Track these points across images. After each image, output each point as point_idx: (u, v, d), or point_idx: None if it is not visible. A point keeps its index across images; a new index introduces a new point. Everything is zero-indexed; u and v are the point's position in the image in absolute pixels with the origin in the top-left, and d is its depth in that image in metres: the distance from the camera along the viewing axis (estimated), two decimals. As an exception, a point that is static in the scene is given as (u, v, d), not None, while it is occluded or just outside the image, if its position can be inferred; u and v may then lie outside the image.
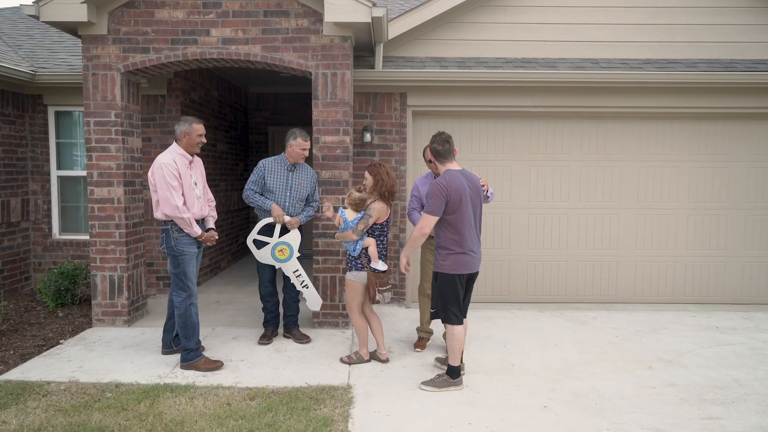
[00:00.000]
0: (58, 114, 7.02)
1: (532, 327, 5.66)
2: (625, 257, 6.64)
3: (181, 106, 6.74)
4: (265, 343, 5.02)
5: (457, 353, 4.07)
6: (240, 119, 9.40)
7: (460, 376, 4.11)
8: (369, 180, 4.48)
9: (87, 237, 6.96)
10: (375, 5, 5.10)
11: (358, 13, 5.08)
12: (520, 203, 6.59)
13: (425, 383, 4.11)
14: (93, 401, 3.82)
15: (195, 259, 4.49)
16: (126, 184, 5.50)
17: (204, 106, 7.56)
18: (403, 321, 5.83)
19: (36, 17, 5.15)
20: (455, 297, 4.04)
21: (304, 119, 9.70)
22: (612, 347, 5.07)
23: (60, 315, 5.89)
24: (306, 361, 4.62)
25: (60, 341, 5.10)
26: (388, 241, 4.58)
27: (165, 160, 4.31)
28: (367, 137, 6.24)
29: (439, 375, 4.16)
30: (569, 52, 6.47)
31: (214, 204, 4.78)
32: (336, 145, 5.39)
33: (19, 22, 8.59)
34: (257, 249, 4.91)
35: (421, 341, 5.00)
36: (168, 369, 4.43)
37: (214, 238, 4.57)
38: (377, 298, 4.42)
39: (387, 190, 4.44)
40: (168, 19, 5.32)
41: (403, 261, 4.30)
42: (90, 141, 5.42)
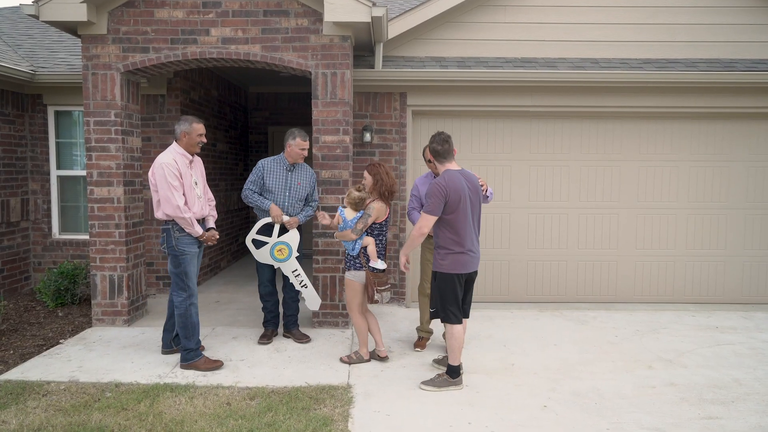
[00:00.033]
0: (57, 114, 7.02)
1: (531, 327, 5.67)
2: (625, 257, 6.65)
3: (181, 105, 6.74)
4: (265, 343, 5.02)
5: (457, 353, 4.08)
6: (240, 119, 9.39)
7: (459, 375, 4.11)
8: (368, 179, 4.49)
9: (87, 237, 6.97)
10: (375, 5, 5.10)
11: (357, 13, 5.08)
12: (519, 203, 6.59)
13: (425, 383, 4.11)
14: (93, 401, 3.82)
15: (196, 259, 4.49)
16: (126, 183, 5.50)
17: (204, 105, 7.56)
18: (403, 321, 5.83)
19: (36, 17, 5.15)
20: (454, 296, 4.04)
21: (303, 119, 9.70)
22: (612, 347, 5.07)
23: (60, 315, 5.89)
24: (306, 361, 4.62)
25: (60, 341, 5.10)
26: (387, 241, 4.58)
27: (166, 159, 4.31)
28: (367, 137, 6.24)
29: (439, 375, 4.16)
30: (569, 51, 6.48)
31: (214, 203, 4.78)
32: (336, 145, 5.39)
33: (19, 21, 8.58)
34: (256, 249, 4.91)
35: (421, 341, 5.00)
36: (168, 369, 4.43)
37: (215, 237, 4.57)
38: (376, 297, 4.42)
39: (387, 189, 4.45)
40: (168, 19, 5.32)
41: (402, 259, 4.31)
42: (90, 141, 5.42)
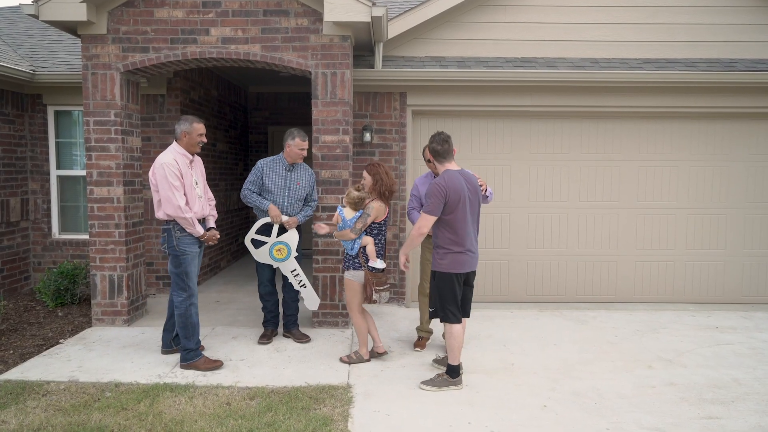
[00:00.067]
0: (57, 113, 7.02)
1: (531, 326, 5.67)
2: (625, 257, 6.65)
3: (181, 105, 6.74)
4: (265, 343, 5.02)
5: (457, 352, 4.08)
6: (239, 119, 9.39)
7: (459, 375, 4.11)
8: (367, 179, 4.49)
9: (86, 236, 6.96)
10: (375, 5, 5.10)
11: (357, 13, 5.08)
12: (519, 203, 6.59)
13: (425, 383, 4.11)
14: (93, 401, 3.82)
15: (197, 259, 4.48)
16: (125, 183, 5.50)
17: (204, 105, 7.56)
18: (403, 320, 5.84)
19: (35, 16, 5.15)
20: (453, 296, 4.05)
21: (303, 119, 9.70)
22: (611, 347, 5.07)
23: (59, 314, 5.88)
24: (306, 361, 4.62)
25: (60, 341, 5.10)
26: (386, 240, 4.58)
27: (166, 159, 4.30)
28: (367, 137, 6.24)
29: (439, 374, 4.16)
30: (569, 51, 6.47)
31: (214, 203, 4.78)
32: (336, 145, 5.39)
33: (19, 21, 8.58)
34: (255, 248, 4.91)
35: (421, 341, 5.00)
36: (168, 368, 4.43)
37: (215, 237, 4.56)
38: (374, 297, 4.43)
39: (386, 189, 4.45)
40: (167, 19, 5.32)
41: (402, 259, 4.31)
42: (89, 140, 5.42)
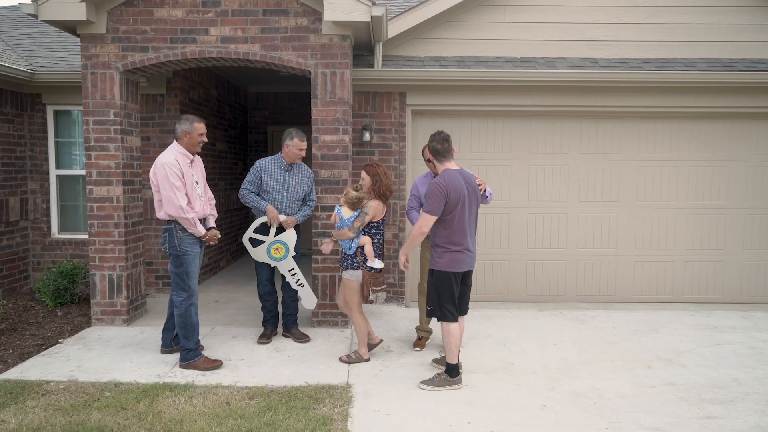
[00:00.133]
0: (57, 113, 7.01)
1: (531, 326, 5.67)
2: (625, 256, 6.65)
3: (180, 105, 6.74)
4: (265, 343, 5.02)
5: (454, 350, 4.08)
6: (239, 118, 9.39)
7: (458, 374, 4.11)
8: (366, 179, 4.49)
9: (86, 236, 6.96)
10: (374, 4, 5.09)
11: (357, 12, 5.08)
12: (519, 202, 6.59)
13: (424, 382, 4.11)
14: (92, 400, 3.82)
15: (198, 259, 4.48)
16: (125, 183, 5.50)
17: (203, 105, 7.56)
18: (402, 320, 5.83)
19: (35, 16, 5.14)
20: (450, 294, 4.05)
21: (303, 118, 9.69)
22: (611, 346, 5.07)
23: (59, 314, 5.88)
24: (305, 361, 4.62)
25: (59, 340, 5.10)
26: (384, 240, 4.58)
27: (167, 159, 4.29)
28: (367, 136, 6.24)
29: (438, 374, 4.16)
30: (569, 51, 6.47)
31: (214, 202, 4.77)
32: (335, 144, 5.39)
33: (18, 20, 8.57)
34: (253, 247, 4.91)
35: (421, 340, 5.00)
36: (167, 368, 4.43)
37: (216, 236, 4.56)
38: (371, 297, 4.44)
39: (386, 189, 4.46)
40: (167, 18, 5.31)
41: (402, 259, 4.31)
42: (89, 140, 5.41)
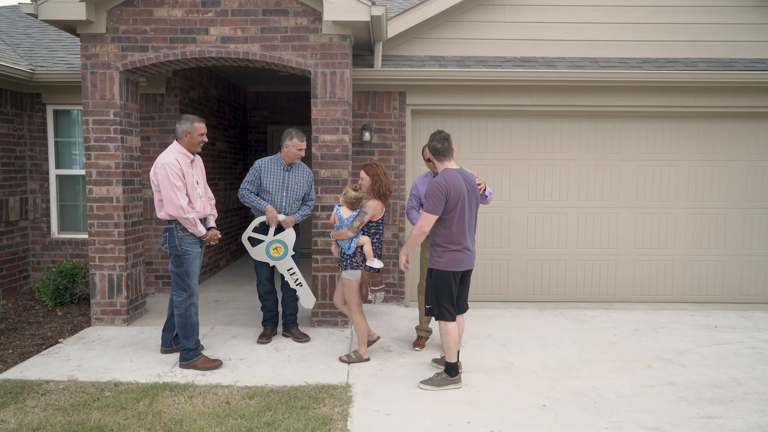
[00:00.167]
0: (56, 113, 7.01)
1: (531, 326, 5.67)
2: (624, 256, 6.65)
3: (180, 104, 6.74)
4: (264, 342, 5.02)
5: (453, 349, 4.08)
6: (239, 118, 9.39)
7: (458, 374, 4.12)
8: (366, 179, 4.49)
9: (86, 236, 6.96)
10: (374, 4, 5.09)
11: (357, 12, 5.08)
12: (519, 202, 6.59)
13: (424, 382, 4.11)
14: (92, 400, 3.82)
15: (198, 259, 4.48)
16: (125, 182, 5.49)
17: (203, 104, 7.55)
18: (402, 320, 5.83)
19: (34, 15, 5.14)
20: (449, 294, 4.06)
21: (303, 118, 9.69)
22: (611, 346, 5.07)
23: (59, 314, 5.88)
24: (305, 360, 4.62)
25: (59, 340, 5.10)
26: (383, 240, 4.58)
27: (168, 159, 4.28)
28: (366, 136, 6.24)
29: (438, 374, 4.16)
30: (568, 51, 6.47)
31: (214, 202, 4.77)
32: (335, 144, 5.39)
33: (18, 20, 8.57)
34: (252, 246, 4.92)
35: (420, 340, 5.00)
36: (167, 368, 4.43)
37: (217, 236, 4.56)
38: (369, 297, 4.44)
39: (385, 189, 4.46)
40: (167, 18, 5.31)
41: (402, 259, 4.31)
42: (89, 140, 5.41)
